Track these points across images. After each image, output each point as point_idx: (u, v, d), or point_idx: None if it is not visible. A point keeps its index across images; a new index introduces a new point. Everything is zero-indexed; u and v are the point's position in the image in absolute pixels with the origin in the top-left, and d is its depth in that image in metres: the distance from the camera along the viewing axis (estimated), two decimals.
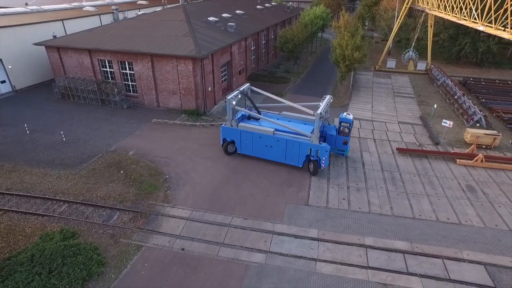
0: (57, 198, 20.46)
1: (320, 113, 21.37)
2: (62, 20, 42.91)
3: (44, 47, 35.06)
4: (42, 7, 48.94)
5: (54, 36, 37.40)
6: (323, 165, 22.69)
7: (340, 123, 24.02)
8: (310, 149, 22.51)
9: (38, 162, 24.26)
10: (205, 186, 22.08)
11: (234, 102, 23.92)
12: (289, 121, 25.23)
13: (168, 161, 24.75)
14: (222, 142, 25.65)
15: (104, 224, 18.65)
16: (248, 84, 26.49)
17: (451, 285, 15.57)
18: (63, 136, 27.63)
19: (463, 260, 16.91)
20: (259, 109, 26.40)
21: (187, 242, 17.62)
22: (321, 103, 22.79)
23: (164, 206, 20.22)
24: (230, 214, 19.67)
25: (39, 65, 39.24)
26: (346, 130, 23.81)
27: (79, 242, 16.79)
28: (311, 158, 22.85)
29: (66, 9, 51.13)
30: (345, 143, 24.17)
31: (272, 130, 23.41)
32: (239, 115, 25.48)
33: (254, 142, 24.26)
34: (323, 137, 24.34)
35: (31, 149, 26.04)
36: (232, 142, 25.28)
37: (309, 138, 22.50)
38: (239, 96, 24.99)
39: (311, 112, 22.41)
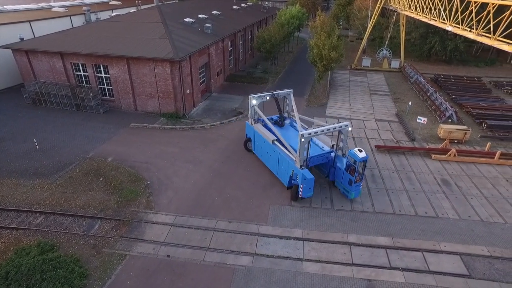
0: (33, 209, 19.59)
1: (303, 134, 18.88)
2: (29, 21, 40.94)
3: (10, 50, 33.40)
4: (6, 7, 46.37)
5: (21, 39, 35.64)
6: (300, 193, 20.11)
7: (353, 160, 19.96)
8: (293, 170, 20.47)
9: (10, 172, 23.12)
10: (188, 191, 21.84)
11: (254, 101, 23.70)
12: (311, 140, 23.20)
13: (148, 166, 24.27)
14: (245, 137, 26.28)
15: (85, 234, 18.06)
16: (291, 90, 25.45)
17: (430, 276, 16.25)
18: (36, 144, 26.46)
19: (441, 252, 17.68)
20: (288, 117, 25.67)
21: (172, 249, 17.38)
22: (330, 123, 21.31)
23: (147, 212, 19.83)
24: (214, 218, 19.57)
25: (6, 69, 37.33)
26: (353, 168, 20.02)
27: (58, 255, 16.15)
28: (293, 181, 20.83)
29: (33, 9, 48.75)
30: (350, 183, 20.53)
31: (273, 138, 22.36)
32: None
33: (261, 145, 23.98)
34: (334, 167, 21.80)
35: (1, 158, 24.74)
36: (250, 139, 25.54)
37: (294, 159, 20.27)
38: (267, 98, 24.30)
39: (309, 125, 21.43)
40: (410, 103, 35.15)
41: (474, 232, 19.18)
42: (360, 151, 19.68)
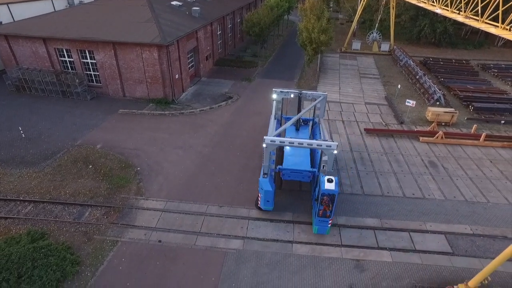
0: (21, 198, 19.38)
1: (264, 139, 16.53)
2: (7, 3, 39.17)
3: None
4: None
5: (0, 23, 34.32)
6: (259, 203, 18.68)
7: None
8: None
9: None
10: (178, 176, 21.84)
11: (275, 96, 22.13)
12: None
13: (138, 153, 24.10)
14: None
15: (76, 222, 18.03)
16: (325, 93, 22.15)
17: (416, 255, 16.79)
18: (21, 132, 25.92)
19: (427, 232, 18.22)
20: (317, 123, 22.99)
21: (164, 234, 17.52)
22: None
23: (138, 199, 19.84)
24: (205, 202, 19.70)
25: None
26: (317, 198, 16.66)
27: (49, 243, 16.13)
28: (259, 188, 18.28)
29: None
30: (315, 215, 17.11)
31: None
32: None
33: None
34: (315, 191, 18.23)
35: None
36: None
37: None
38: (291, 96, 22.10)
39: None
40: (399, 86, 35.32)
41: (459, 212, 19.77)
42: (330, 181, 15.59)
